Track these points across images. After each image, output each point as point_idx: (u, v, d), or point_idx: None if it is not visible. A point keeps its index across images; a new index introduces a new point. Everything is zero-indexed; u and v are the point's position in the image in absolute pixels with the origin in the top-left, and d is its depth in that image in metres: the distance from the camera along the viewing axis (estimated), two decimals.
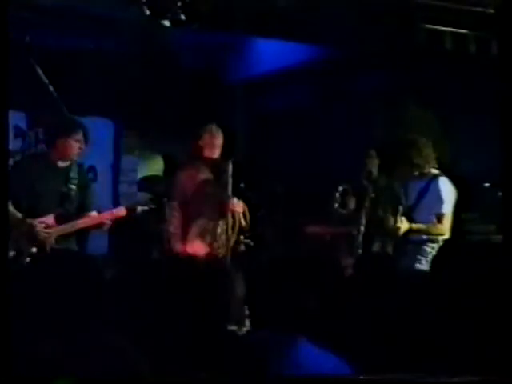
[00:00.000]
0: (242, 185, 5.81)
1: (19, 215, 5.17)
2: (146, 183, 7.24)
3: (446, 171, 5.70)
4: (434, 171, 5.70)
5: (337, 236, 6.19)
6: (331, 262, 5.38)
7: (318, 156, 7.39)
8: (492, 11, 5.73)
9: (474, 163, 6.23)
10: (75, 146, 5.36)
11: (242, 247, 5.94)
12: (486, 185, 6.10)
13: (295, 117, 7.70)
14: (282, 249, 6.53)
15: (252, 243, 6.00)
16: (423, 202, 5.63)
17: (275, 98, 7.95)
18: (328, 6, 5.69)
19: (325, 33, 6.17)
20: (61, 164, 5.44)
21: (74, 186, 5.42)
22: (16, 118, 6.81)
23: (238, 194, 5.76)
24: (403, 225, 5.50)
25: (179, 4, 5.37)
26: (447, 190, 5.63)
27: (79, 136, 5.36)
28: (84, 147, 5.45)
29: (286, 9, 5.65)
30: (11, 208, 4.98)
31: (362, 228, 5.59)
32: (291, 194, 7.11)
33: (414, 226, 5.56)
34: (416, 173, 5.67)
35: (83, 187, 5.54)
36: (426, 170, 5.67)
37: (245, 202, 5.90)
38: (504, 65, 4.61)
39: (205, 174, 5.85)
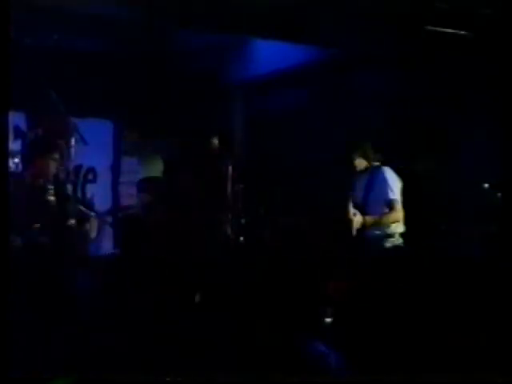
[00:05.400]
0: (241, 185, 5.86)
1: None
2: (146, 184, 7.27)
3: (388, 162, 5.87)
4: (375, 163, 5.83)
5: (335, 235, 6.21)
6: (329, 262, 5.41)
7: (318, 156, 7.47)
8: (491, 12, 5.75)
9: (474, 163, 6.25)
10: (52, 165, 5.56)
11: (242, 247, 5.98)
12: (486, 185, 6.13)
13: (295, 117, 7.77)
14: (281, 249, 6.54)
15: (251, 243, 6.04)
16: (371, 194, 5.75)
17: (275, 99, 8.02)
18: (327, 7, 5.73)
19: (324, 34, 6.22)
20: (38, 183, 5.57)
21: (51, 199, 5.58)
22: (16, 119, 6.84)
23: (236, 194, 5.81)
24: (359, 218, 5.61)
25: (179, 5, 5.42)
26: (391, 178, 5.76)
27: (56, 155, 5.59)
28: (62, 164, 5.70)
29: (285, 10, 5.69)
30: None
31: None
32: (290, 194, 7.15)
33: (369, 218, 5.66)
34: (360, 168, 5.83)
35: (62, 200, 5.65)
36: (368, 165, 5.82)
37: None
38: (504, 65, 4.62)
39: (202, 175, 5.90)
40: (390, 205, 5.67)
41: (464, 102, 6.35)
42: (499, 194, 5.53)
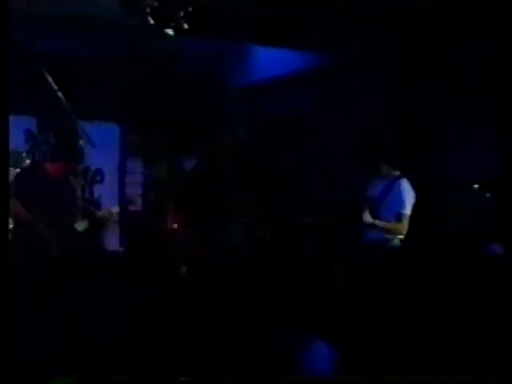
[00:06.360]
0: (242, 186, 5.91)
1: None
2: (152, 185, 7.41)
3: (408, 173, 5.95)
4: (396, 173, 5.94)
5: (336, 235, 6.27)
6: (329, 260, 5.46)
7: (318, 157, 7.52)
8: (491, 13, 5.75)
9: (474, 164, 6.25)
10: (68, 168, 5.71)
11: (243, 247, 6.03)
12: (485, 185, 6.12)
13: (295, 119, 7.82)
14: (282, 249, 6.60)
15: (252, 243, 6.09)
16: (385, 201, 5.88)
17: (275, 103, 8.08)
18: (326, 13, 5.77)
19: (324, 39, 6.27)
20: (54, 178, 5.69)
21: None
22: (27, 123, 6.99)
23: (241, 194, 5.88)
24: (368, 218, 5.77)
25: (182, 14, 5.51)
26: (408, 192, 5.87)
27: (73, 161, 5.77)
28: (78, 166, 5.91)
29: (285, 17, 5.76)
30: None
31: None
32: (290, 195, 7.19)
33: (377, 221, 5.83)
34: (381, 173, 5.94)
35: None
36: (389, 172, 5.93)
37: None
38: (504, 66, 4.63)
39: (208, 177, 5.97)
40: (400, 218, 5.82)
41: (464, 104, 6.37)
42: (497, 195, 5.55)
